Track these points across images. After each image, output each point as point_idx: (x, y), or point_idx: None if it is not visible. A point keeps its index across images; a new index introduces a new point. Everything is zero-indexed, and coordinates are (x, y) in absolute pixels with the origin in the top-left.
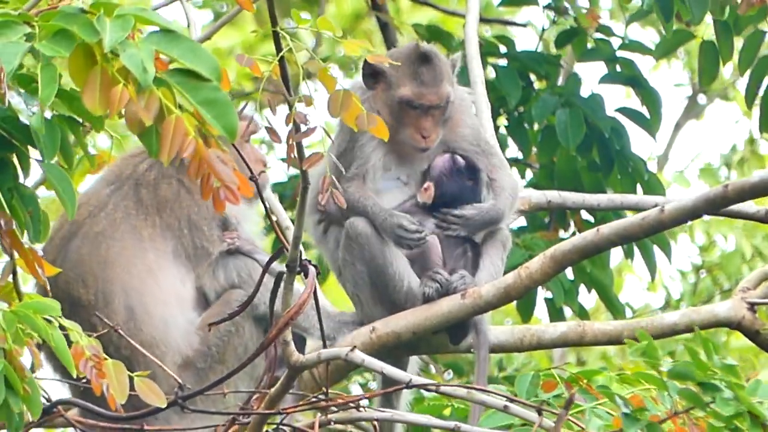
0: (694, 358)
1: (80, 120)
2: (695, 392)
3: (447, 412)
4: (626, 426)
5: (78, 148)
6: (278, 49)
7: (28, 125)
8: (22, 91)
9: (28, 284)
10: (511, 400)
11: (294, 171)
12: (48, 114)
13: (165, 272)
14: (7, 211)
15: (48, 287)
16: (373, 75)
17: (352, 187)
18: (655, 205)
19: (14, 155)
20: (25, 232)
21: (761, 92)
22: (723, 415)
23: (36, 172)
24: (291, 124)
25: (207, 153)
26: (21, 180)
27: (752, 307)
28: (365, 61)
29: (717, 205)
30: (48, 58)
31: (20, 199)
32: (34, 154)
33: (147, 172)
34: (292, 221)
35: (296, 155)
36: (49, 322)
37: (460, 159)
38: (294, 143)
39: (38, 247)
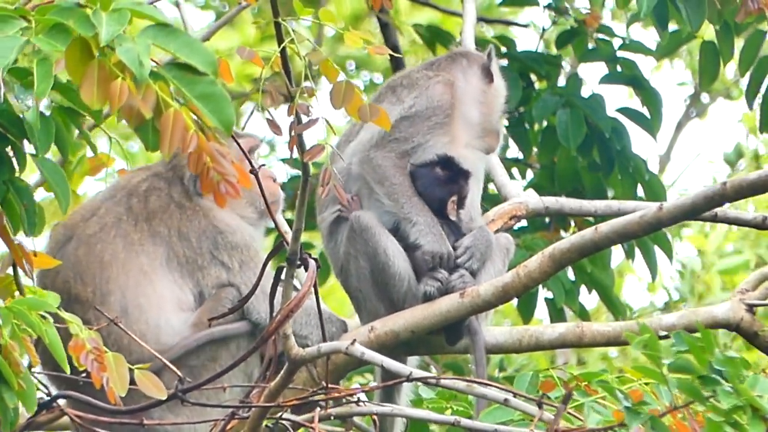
0: (695, 352)
1: (80, 111)
2: (695, 385)
3: (447, 414)
4: (629, 420)
5: (82, 141)
6: (280, 41)
7: (22, 119)
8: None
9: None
10: (513, 394)
11: (295, 171)
12: (45, 105)
13: (160, 276)
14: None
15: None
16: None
17: (400, 164)
18: None
19: (9, 149)
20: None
21: (761, 92)
22: (722, 408)
23: (36, 175)
24: (293, 116)
25: (208, 147)
26: (16, 174)
27: (751, 308)
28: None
29: (715, 203)
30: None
31: (15, 192)
32: (29, 148)
33: (139, 183)
34: (289, 222)
35: (298, 147)
36: (44, 318)
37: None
38: (296, 135)
39: (38, 242)
